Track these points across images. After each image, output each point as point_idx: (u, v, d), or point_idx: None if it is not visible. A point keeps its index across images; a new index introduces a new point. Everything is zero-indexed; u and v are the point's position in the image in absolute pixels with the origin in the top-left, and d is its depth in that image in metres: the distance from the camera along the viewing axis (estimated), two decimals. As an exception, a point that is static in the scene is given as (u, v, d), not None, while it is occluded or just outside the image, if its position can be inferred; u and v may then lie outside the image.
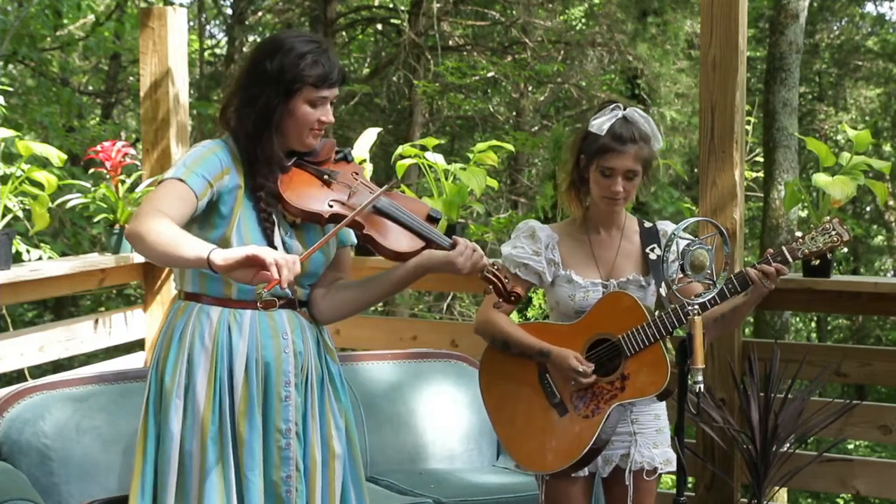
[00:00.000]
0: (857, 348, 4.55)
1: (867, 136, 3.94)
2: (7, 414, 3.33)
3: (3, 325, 5.71)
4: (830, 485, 4.03)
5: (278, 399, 2.42)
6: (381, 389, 3.94)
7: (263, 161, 2.41)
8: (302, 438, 2.46)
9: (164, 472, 2.39)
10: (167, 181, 2.35)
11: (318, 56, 2.40)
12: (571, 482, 2.84)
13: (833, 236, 2.72)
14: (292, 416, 2.43)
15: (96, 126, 10.88)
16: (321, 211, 2.41)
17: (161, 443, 2.40)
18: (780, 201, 8.76)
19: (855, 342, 14.47)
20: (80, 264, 4.48)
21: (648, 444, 2.87)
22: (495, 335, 2.87)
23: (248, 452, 2.39)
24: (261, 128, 2.39)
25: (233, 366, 2.40)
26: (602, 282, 2.85)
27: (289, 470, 2.42)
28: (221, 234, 2.40)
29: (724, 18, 3.91)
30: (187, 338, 2.41)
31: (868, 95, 15.37)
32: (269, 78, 2.38)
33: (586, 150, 2.82)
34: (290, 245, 2.46)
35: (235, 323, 2.41)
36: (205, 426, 2.37)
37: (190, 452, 2.38)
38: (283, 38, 2.43)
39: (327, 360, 2.56)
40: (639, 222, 2.95)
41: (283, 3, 13.20)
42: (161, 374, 2.42)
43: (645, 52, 10.77)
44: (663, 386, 2.72)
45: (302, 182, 2.45)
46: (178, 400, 2.38)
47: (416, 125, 11.76)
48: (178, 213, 2.30)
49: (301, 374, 2.47)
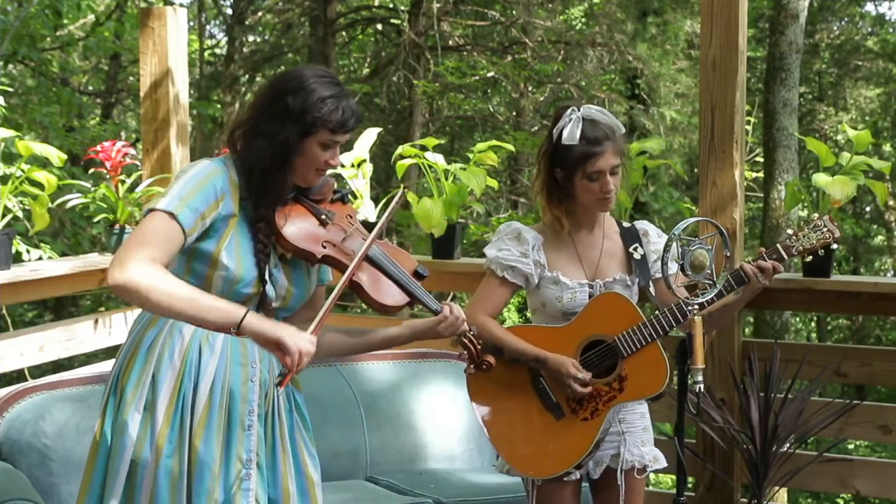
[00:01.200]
0: (857, 348, 4.55)
1: (867, 136, 3.94)
2: (7, 414, 3.32)
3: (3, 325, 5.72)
4: (830, 485, 4.03)
5: (241, 427, 2.38)
6: (382, 390, 3.94)
7: (273, 195, 2.39)
8: (272, 471, 2.42)
9: (112, 479, 2.34)
10: (157, 214, 2.28)
11: (340, 101, 2.38)
12: (563, 485, 2.83)
13: (825, 233, 2.75)
14: (254, 447, 2.39)
15: (96, 126, 10.88)
16: (314, 251, 2.39)
17: (113, 451, 2.35)
18: (780, 201, 8.77)
19: (855, 342, 14.47)
20: (80, 264, 4.48)
21: (637, 443, 2.87)
22: (487, 340, 2.83)
23: (199, 476, 2.34)
24: (277, 164, 2.37)
25: (198, 385, 2.36)
26: (588, 282, 2.84)
27: (247, 500, 2.37)
28: (210, 252, 2.35)
29: (724, 18, 3.91)
30: (155, 352, 2.36)
31: (868, 95, 15.37)
32: (289, 115, 2.35)
33: (563, 163, 2.80)
34: (276, 277, 2.42)
35: (208, 344, 2.37)
36: (160, 443, 2.33)
37: (143, 464, 2.33)
38: (307, 76, 2.40)
39: (293, 390, 2.52)
40: (617, 222, 2.96)
41: (283, 3, 13.20)
42: (122, 386, 2.37)
43: (645, 52, 10.77)
44: (663, 385, 2.72)
45: (299, 217, 2.43)
46: (137, 413, 2.34)
47: (416, 125, 11.76)
48: (167, 255, 2.27)
49: (265, 404, 2.43)
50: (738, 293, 2.77)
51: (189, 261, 2.36)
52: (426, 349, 4.22)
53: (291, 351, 2.20)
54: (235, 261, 2.35)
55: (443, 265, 4.40)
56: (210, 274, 2.34)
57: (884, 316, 11.65)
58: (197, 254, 2.35)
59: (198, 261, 2.35)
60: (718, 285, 2.63)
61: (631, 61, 11.04)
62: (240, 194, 2.39)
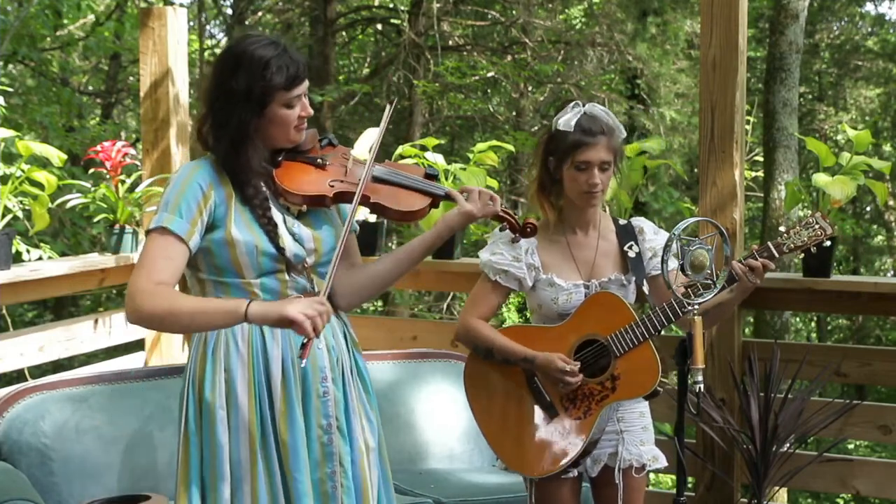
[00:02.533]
0: (857, 348, 4.55)
1: (867, 136, 3.94)
2: (7, 414, 3.33)
3: (3, 325, 5.71)
4: (830, 485, 4.03)
5: (317, 396, 2.43)
6: (382, 390, 3.93)
7: (246, 172, 2.41)
8: (347, 433, 2.46)
9: (216, 485, 2.37)
10: (152, 235, 2.35)
11: (281, 60, 2.37)
12: (561, 483, 2.84)
13: (817, 230, 2.73)
14: (332, 412, 2.44)
15: (96, 126, 10.88)
16: (324, 192, 2.43)
17: (209, 456, 2.39)
18: (780, 201, 8.77)
19: (855, 342, 14.47)
20: (80, 264, 4.48)
21: (636, 442, 2.88)
22: (478, 343, 2.86)
23: (293, 453, 2.39)
24: (238, 144, 2.39)
25: (269, 369, 2.40)
26: (584, 283, 2.84)
27: (333, 466, 2.42)
28: (223, 237, 2.39)
29: (724, 18, 3.91)
30: (221, 349, 2.40)
31: (868, 95, 15.38)
32: (237, 97, 2.36)
33: (555, 151, 2.82)
34: (299, 235, 2.45)
35: (267, 326, 2.41)
36: (252, 433, 2.38)
37: (238, 461, 2.38)
38: (241, 49, 2.39)
39: (354, 352, 2.56)
40: (614, 220, 2.96)
41: (283, 3, 13.20)
42: (200, 390, 2.40)
43: (645, 52, 10.76)
44: (654, 384, 2.72)
45: (297, 171, 2.47)
46: (222, 411, 2.38)
47: (416, 125, 11.76)
48: (171, 272, 2.33)
49: (337, 367, 2.47)
50: (732, 292, 2.76)
51: (211, 257, 2.40)
52: (426, 349, 4.23)
53: (299, 320, 2.23)
54: (248, 232, 2.39)
55: (443, 265, 4.41)
56: (234, 257, 2.38)
57: (884, 316, 11.65)
58: (214, 246, 2.39)
59: (218, 252, 2.39)
60: (718, 285, 2.63)
61: (631, 61, 11.04)
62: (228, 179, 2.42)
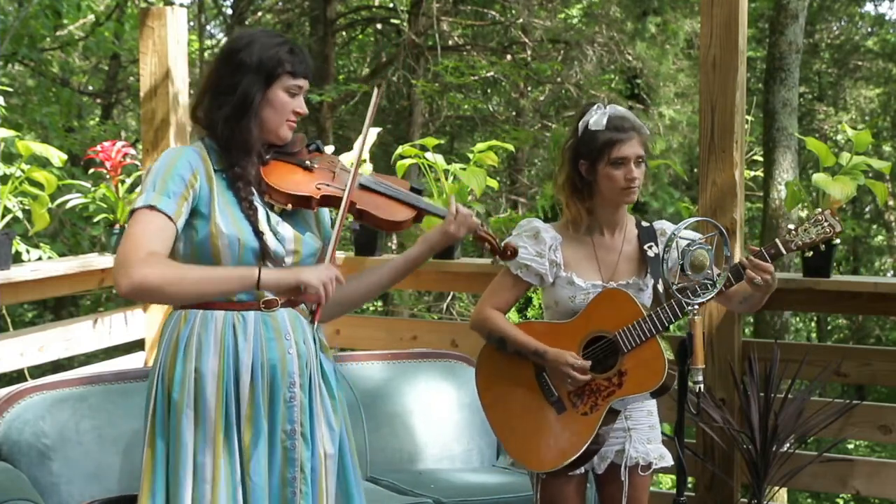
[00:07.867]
0: (857, 348, 4.55)
1: (867, 136, 3.94)
2: (7, 414, 3.32)
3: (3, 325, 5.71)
4: (830, 485, 4.03)
5: (284, 401, 2.41)
6: (381, 390, 3.94)
7: (241, 146, 2.40)
8: (309, 439, 2.45)
9: (178, 484, 2.35)
10: (139, 212, 2.32)
11: (293, 46, 2.46)
12: (567, 480, 2.85)
13: (825, 227, 2.71)
14: (297, 418, 2.42)
15: (96, 126, 10.89)
16: (311, 193, 2.44)
17: (173, 456, 2.37)
18: (780, 201, 8.77)
19: (855, 342, 14.48)
20: (80, 264, 4.48)
21: (643, 440, 2.88)
22: (492, 332, 2.88)
23: (255, 457, 2.38)
24: (240, 112, 2.39)
25: (239, 370, 2.38)
26: (603, 284, 2.85)
27: (294, 471, 2.41)
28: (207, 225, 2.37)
29: (723, 18, 3.91)
30: (193, 347, 2.38)
31: (868, 95, 15.39)
32: (247, 67, 2.40)
33: (587, 152, 2.82)
34: (281, 233, 2.45)
35: (240, 325, 2.40)
36: (216, 436, 2.36)
37: (202, 463, 2.36)
38: (252, 32, 2.47)
39: (321, 357, 2.54)
40: (636, 222, 2.95)
41: (283, 3, 13.20)
42: (168, 389, 2.38)
43: (644, 52, 10.76)
44: (661, 381, 2.72)
45: (285, 171, 2.47)
46: (189, 410, 2.36)
47: (415, 125, 11.76)
48: (164, 246, 2.31)
49: (306, 372, 2.46)
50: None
51: (193, 243, 2.39)
52: (426, 349, 4.22)
53: (314, 284, 2.28)
54: (230, 222, 2.38)
55: (443, 265, 4.40)
56: (215, 245, 2.37)
57: (884, 316, 11.66)
58: (197, 232, 2.38)
59: (200, 239, 2.37)
60: (718, 285, 2.63)
61: (630, 61, 11.03)
62: (213, 166, 2.42)
